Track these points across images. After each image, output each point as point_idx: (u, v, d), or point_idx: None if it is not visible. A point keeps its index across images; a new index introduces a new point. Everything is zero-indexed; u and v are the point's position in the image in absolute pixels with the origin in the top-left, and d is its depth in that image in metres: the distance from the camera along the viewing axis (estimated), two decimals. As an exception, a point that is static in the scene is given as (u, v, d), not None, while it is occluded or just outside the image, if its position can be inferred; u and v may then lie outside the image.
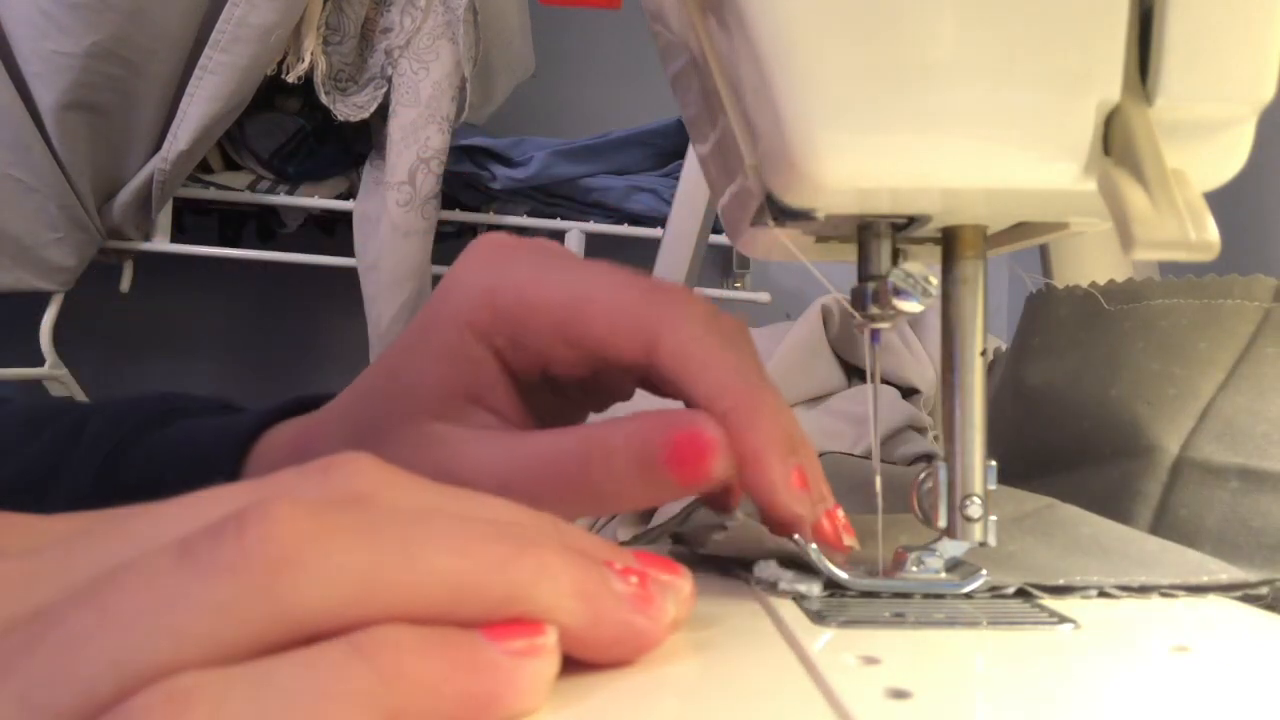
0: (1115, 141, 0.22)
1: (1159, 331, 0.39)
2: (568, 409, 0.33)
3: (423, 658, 0.17)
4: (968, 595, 0.27)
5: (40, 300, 1.26)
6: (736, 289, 1.58)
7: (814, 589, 0.27)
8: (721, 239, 1.28)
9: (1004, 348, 0.51)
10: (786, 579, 0.27)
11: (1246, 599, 0.27)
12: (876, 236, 0.28)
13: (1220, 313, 0.39)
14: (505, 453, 0.28)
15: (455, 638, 0.17)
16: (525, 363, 0.30)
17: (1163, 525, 0.38)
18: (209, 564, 0.16)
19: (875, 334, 0.28)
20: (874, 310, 0.27)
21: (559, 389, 0.31)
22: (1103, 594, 0.27)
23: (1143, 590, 0.27)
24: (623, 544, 0.26)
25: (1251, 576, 0.28)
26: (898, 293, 0.26)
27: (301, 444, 0.33)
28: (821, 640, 0.23)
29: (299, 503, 0.17)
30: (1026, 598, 0.27)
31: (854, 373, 0.79)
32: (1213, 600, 0.27)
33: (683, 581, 0.22)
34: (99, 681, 0.15)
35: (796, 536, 0.29)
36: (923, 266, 0.26)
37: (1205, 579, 0.28)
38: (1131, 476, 0.38)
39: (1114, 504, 0.38)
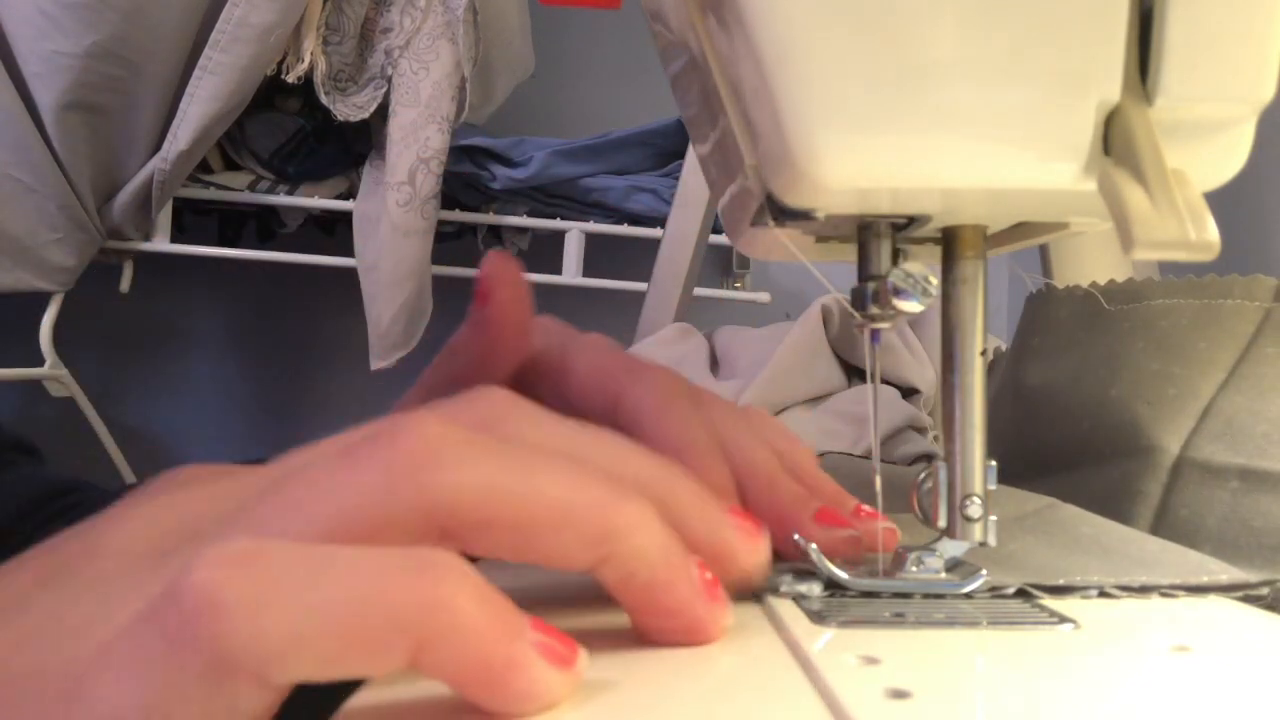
0: (1115, 141, 0.22)
1: (1159, 331, 0.39)
2: None
3: (475, 600, 0.18)
4: (968, 595, 0.27)
5: (40, 300, 1.26)
6: (736, 289, 1.58)
7: (814, 589, 0.27)
8: (721, 239, 1.28)
9: (1004, 347, 0.51)
10: (787, 581, 0.27)
11: (1247, 599, 0.27)
12: (876, 236, 0.28)
13: (1220, 313, 0.39)
14: None
15: (502, 601, 0.18)
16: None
17: (1163, 525, 0.38)
18: (367, 460, 0.20)
19: (875, 334, 0.28)
20: (874, 310, 0.27)
21: None
22: (1103, 594, 0.27)
23: (1143, 590, 0.27)
24: None
25: (1252, 577, 0.28)
26: (898, 293, 0.26)
27: None
28: (821, 640, 0.23)
29: (445, 419, 0.20)
30: (1027, 598, 0.27)
31: (854, 373, 0.79)
32: (1213, 600, 0.27)
33: (764, 540, 0.25)
34: None
35: (797, 536, 0.29)
36: (923, 266, 0.26)
37: (1205, 579, 0.28)
38: (1132, 476, 0.38)
39: (1114, 504, 0.38)
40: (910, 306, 0.26)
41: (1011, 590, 0.27)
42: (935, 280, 0.27)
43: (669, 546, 0.22)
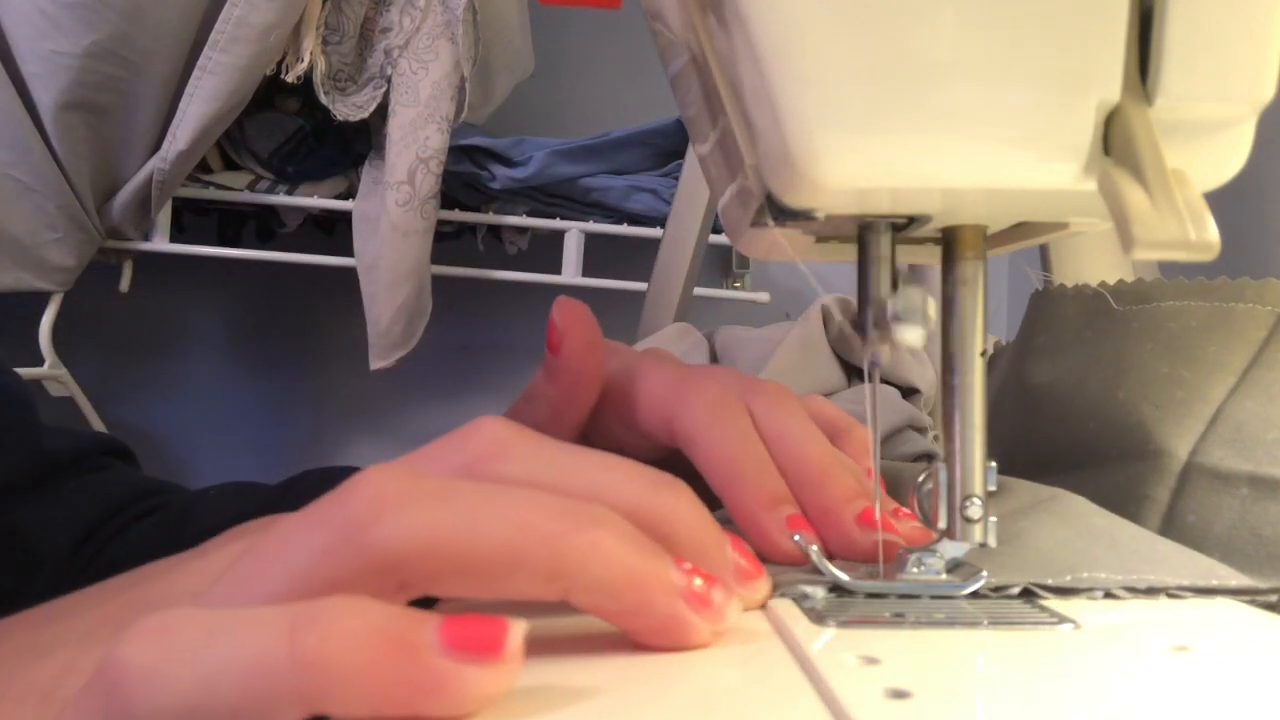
0: (1115, 141, 0.22)
1: (1168, 333, 0.39)
2: None
3: (350, 645, 0.17)
4: (973, 595, 0.27)
5: (40, 300, 1.26)
6: (736, 289, 1.58)
7: (818, 591, 0.27)
8: (721, 239, 1.28)
9: (1004, 342, 0.50)
10: (787, 581, 0.27)
11: (1253, 605, 0.27)
12: (876, 236, 0.28)
13: (1231, 316, 0.38)
14: None
15: (400, 626, 0.18)
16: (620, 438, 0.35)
17: (1170, 531, 0.37)
18: (319, 520, 0.20)
19: (875, 361, 0.28)
20: (874, 335, 0.27)
21: None
22: (1108, 595, 0.27)
23: (1150, 592, 0.27)
24: None
25: (1261, 583, 0.28)
26: (897, 318, 0.26)
27: None
28: (821, 640, 0.23)
29: (391, 473, 0.21)
30: (1029, 597, 0.27)
31: (854, 372, 0.79)
32: (1213, 601, 0.27)
33: (761, 583, 0.25)
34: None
35: (797, 536, 0.29)
36: (922, 293, 0.26)
37: (1214, 583, 0.27)
38: (1138, 480, 0.38)
39: (1120, 507, 0.38)
40: (910, 335, 0.26)
41: (1016, 590, 0.27)
42: (935, 309, 0.27)
43: (634, 569, 0.21)
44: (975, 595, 0.27)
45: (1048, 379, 0.42)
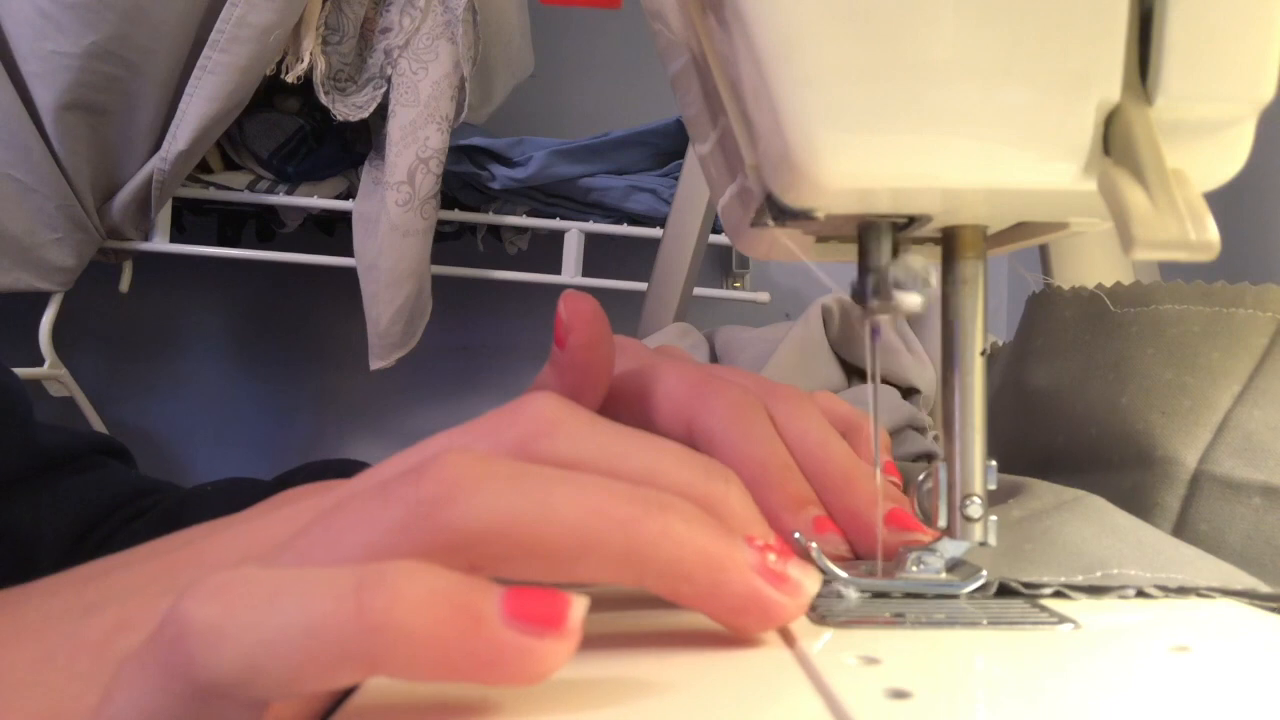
0: (1115, 141, 0.22)
1: (1169, 339, 0.39)
2: None
3: (416, 609, 0.18)
4: (984, 594, 0.27)
5: (40, 300, 1.26)
6: (736, 289, 1.58)
7: (851, 591, 0.27)
8: (721, 239, 1.28)
9: (999, 343, 0.50)
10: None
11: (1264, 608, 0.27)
12: (877, 235, 0.28)
13: (1232, 322, 0.38)
14: None
15: (466, 594, 0.18)
16: None
17: (1183, 538, 0.37)
18: (396, 497, 0.21)
19: (875, 328, 0.28)
20: (874, 304, 0.27)
21: None
22: (1140, 594, 0.27)
23: (1181, 591, 0.27)
24: None
25: None
26: (898, 285, 0.26)
27: None
28: (821, 640, 0.23)
29: (467, 454, 0.21)
30: (1029, 600, 0.27)
31: (854, 372, 0.79)
32: (1214, 601, 0.27)
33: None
34: None
35: (797, 534, 0.29)
36: (923, 260, 0.26)
37: (1240, 587, 0.27)
38: (1147, 487, 0.37)
39: (1130, 513, 0.38)
40: (910, 300, 0.26)
41: (1049, 591, 0.27)
42: (935, 274, 0.26)
43: (707, 549, 0.21)
44: (1003, 592, 0.27)
45: (1045, 382, 0.42)
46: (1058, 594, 0.27)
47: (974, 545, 0.27)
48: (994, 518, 0.27)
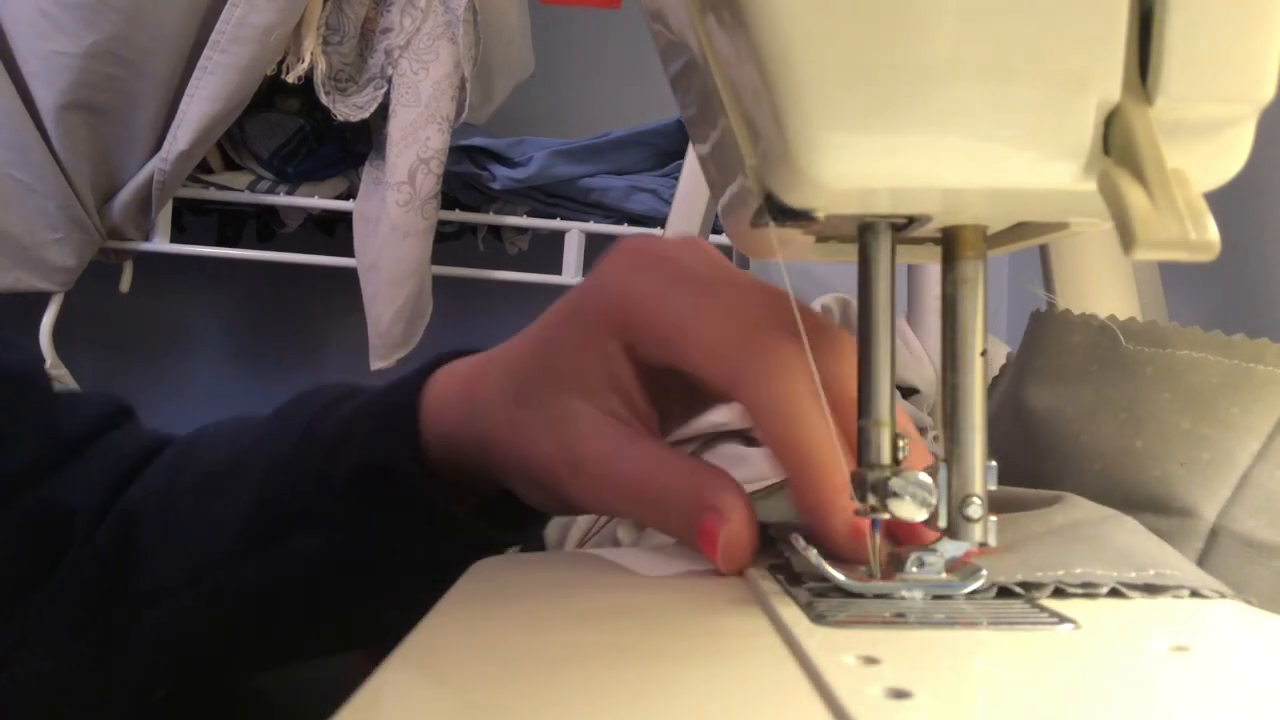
0: (1115, 141, 0.22)
1: (1188, 387, 0.38)
2: (695, 398, 0.38)
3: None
4: (1000, 593, 0.27)
5: (40, 300, 1.25)
6: (736, 289, 1.57)
7: (916, 593, 0.27)
8: (721, 239, 1.28)
9: (1007, 350, 0.50)
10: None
11: None
12: (877, 236, 0.28)
13: (1253, 378, 0.37)
14: (614, 453, 0.34)
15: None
16: (651, 361, 0.35)
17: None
18: None
19: (875, 523, 0.28)
20: (873, 503, 0.27)
21: (687, 381, 0.34)
22: (1194, 594, 0.27)
23: (1195, 595, 0.27)
24: None
25: None
26: (895, 496, 0.27)
27: (468, 388, 0.40)
28: (821, 640, 0.23)
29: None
30: (1028, 600, 0.27)
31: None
32: (1214, 601, 0.27)
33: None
34: None
35: (794, 536, 0.29)
36: (929, 482, 0.27)
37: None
38: (1162, 533, 0.36)
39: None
40: (908, 512, 0.26)
41: (1104, 590, 0.27)
42: (935, 491, 0.27)
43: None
44: (1058, 592, 0.27)
45: (1048, 405, 0.42)
46: (1057, 593, 0.27)
47: (974, 546, 0.27)
48: (994, 518, 0.27)
